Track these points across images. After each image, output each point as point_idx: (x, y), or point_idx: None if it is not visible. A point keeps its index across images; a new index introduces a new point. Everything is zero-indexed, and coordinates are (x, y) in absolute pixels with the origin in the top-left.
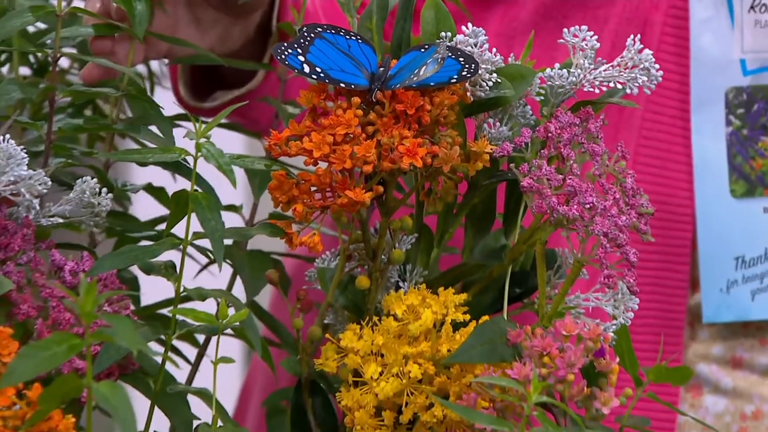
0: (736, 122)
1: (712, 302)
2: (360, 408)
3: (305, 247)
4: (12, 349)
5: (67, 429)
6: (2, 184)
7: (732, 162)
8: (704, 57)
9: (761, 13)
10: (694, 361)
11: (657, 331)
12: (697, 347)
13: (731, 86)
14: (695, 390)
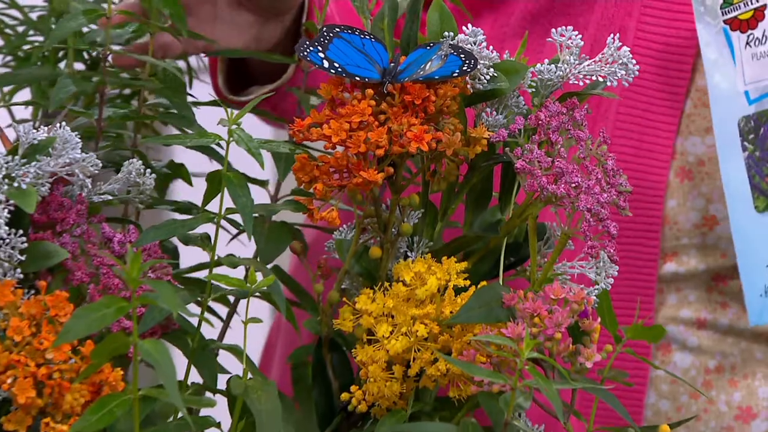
0: (749, 147)
1: (756, 307)
2: (373, 363)
3: (324, 220)
4: (68, 311)
5: (115, 380)
6: (59, 166)
7: (752, 182)
8: (719, 93)
9: (756, 46)
10: (664, 323)
11: (632, 297)
12: (666, 311)
13: (741, 116)
14: (665, 348)
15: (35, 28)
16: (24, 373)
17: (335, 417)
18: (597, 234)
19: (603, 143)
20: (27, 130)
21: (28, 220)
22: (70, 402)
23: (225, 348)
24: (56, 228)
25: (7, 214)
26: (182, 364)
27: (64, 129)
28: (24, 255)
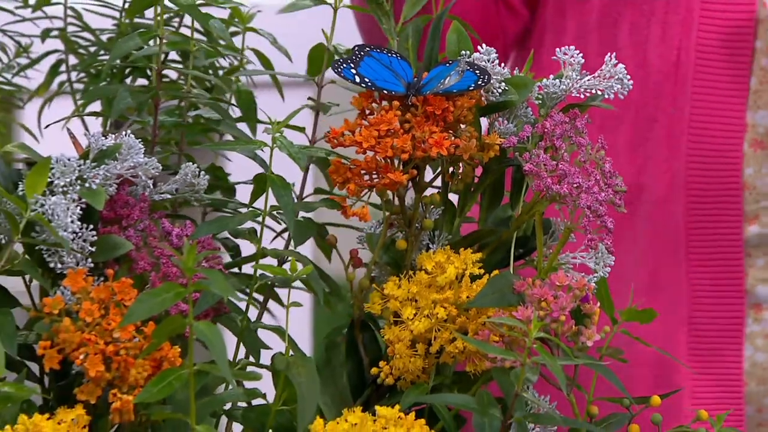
0: None
1: None
2: (399, 341)
3: (356, 217)
4: (132, 296)
5: (173, 357)
6: (124, 168)
7: None
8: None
9: None
10: (755, 284)
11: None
12: (755, 273)
13: None
14: (757, 308)
15: (105, 48)
16: (94, 350)
17: (366, 389)
18: (596, 228)
19: (601, 149)
20: (97, 137)
21: (98, 216)
22: (135, 375)
23: (269, 328)
24: (122, 223)
25: (80, 211)
26: (231, 343)
27: (128, 136)
28: (94, 247)
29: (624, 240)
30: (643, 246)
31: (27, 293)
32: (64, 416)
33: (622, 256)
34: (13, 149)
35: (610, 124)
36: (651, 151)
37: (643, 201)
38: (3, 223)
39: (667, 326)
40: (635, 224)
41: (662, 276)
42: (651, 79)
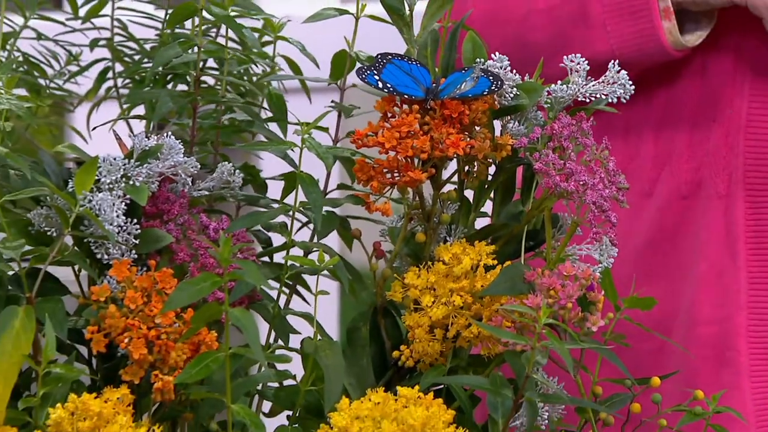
0: None
1: None
2: (418, 327)
3: (379, 211)
4: (172, 284)
5: (211, 341)
6: (165, 167)
7: None
8: None
9: None
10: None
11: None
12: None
13: None
14: None
15: (148, 57)
16: (137, 335)
17: (388, 371)
18: (600, 222)
19: (605, 149)
20: (140, 138)
21: (141, 211)
22: (175, 358)
23: (299, 314)
24: (163, 217)
25: (124, 206)
26: (264, 328)
27: (169, 138)
28: (138, 239)
29: (684, 233)
30: (703, 238)
31: (76, 282)
32: (110, 395)
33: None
34: (64, 149)
35: (669, 123)
36: (710, 149)
37: (701, 196)
38: (54, 217)
39: (727, 311)
40: (695, 218)
41: (722, 264)
42: (709, 81)
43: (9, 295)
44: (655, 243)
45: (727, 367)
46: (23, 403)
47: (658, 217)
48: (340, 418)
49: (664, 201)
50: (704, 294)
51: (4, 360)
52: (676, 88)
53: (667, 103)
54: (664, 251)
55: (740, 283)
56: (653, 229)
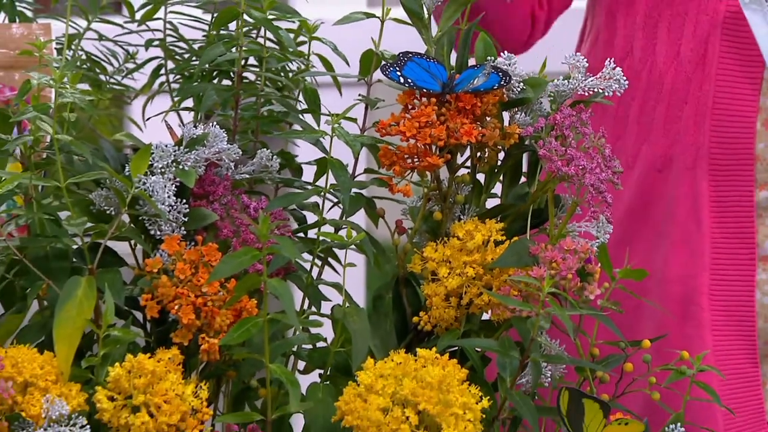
0: None
1: None
2: (436, 295)
3: (401, 192)
4: (217, 258)
5: (251, 308)
6: (211, 153)
7: None
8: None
9: None
10: (764, 240)
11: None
12: (765, 230)
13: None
14: (765, 259)
15: (196, 55)
16: (186, 302)
17: (408, 334)
18: (597, 202)
19: (602, 137)
20: (189, 128)
21: (189, 192)
22: (219, 323)
23: (329, 284)
24: (209, 198)
25: (175, 188)
26: (298, 296)
27: (214, 127)
28: (186, 217)
29: (658, 202)
30: (673, 207)
31: (132, 255)
32: (162, 356)
33: (656, 215)
34: (121, 137)
35: (649, 105)
36: (681, 127)
37: (673, 168)
38: (113, 198)
39: (692, 271)
40: (667, 189)
41: (689, 230)
42: (683, 68)
43: (73, 266)
44: (635, 210)
45: (691, 321)
46: (86, 362)
47: (637, 188)
48: (366, 376)
49: (642, 173)
50: (673, 256)
51: (69, 324)
52: (655, 72)
53: (647, 86)
54: (641, 218)
55: (704, 246)
56: (633, 198)
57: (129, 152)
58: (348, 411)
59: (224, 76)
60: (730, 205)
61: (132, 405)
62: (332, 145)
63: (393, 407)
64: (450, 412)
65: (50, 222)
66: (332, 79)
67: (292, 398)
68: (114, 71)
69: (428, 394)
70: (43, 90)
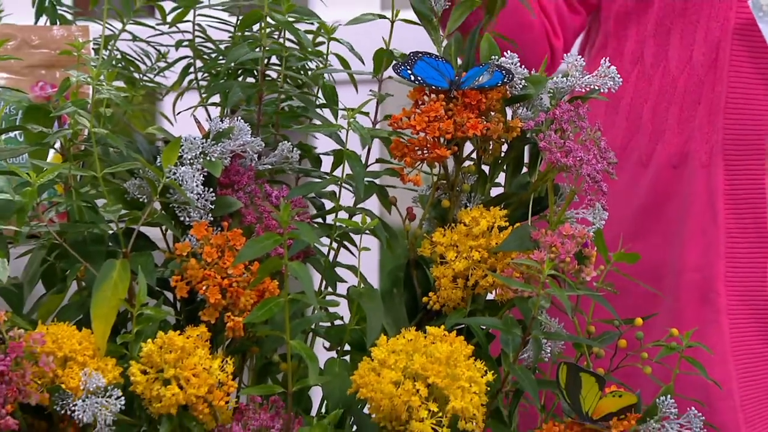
0: None
1: None
2: (444, 277)
3: (411, 182)
4: (241, 242)
5: (273, 288)
6: (236, 145)
7: None
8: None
9: None
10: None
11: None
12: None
13: None
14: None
15: (222, 55)
16: (213, 283)
17: (418, 313)
18: (594, 191)
19: (597, 130)
20: (216, 122)
21: (216, 182)
22: (244, 302)
23: (345, 266)
24: (234, 187)
25: (202, 177)
26: (317, 278)
27: (239, 121)
28: (213, 205)
29: (674, 197)
30: (689, 200)
31: (163, 240)
32: (191, 332)
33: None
34: (153, 131)
35: (662, 107)
36: (695, 126)
37: (688, 165)
38: (145, 186)
39: (709, 259)
40: (683, 184)
41: (705, 222)
42: (695, 72)
43: (108, 250)
44: (649, 207)
45: (708, 306)
46: (120, 338)
47: (652, 185)
48: (379, 352)
49: (656, 171)
50: (690, 246)
51: (105, 304)
52: (667, 76)
53: (660, 90)
54: (656, 213)
55: (719, 237)
56: (648, 195)
57: (160, 144)
58: (363, 384)
59: (248, 74)
60: (743, 197)
61: (163, 378)
62: (348, 137)
63: (404, 380)
64: (457, 385)
65: (88, 209)
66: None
67: (311, 372)
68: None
69: (437, 369)
70: (81, 87)
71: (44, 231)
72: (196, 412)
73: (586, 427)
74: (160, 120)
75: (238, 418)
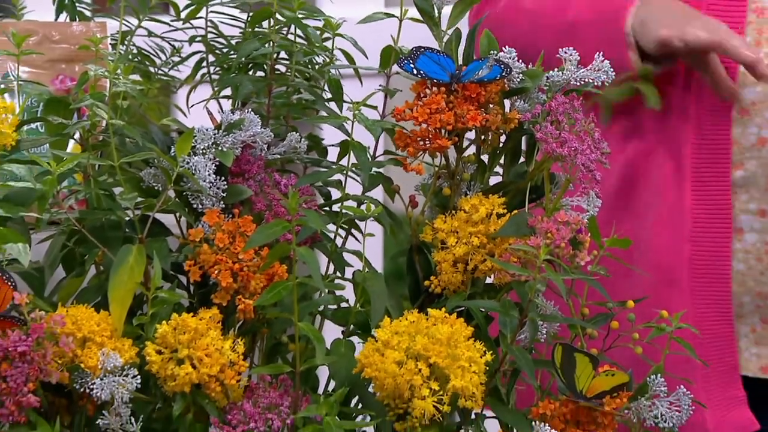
0: None
1: None
2: (445, 261)
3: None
4: (252, 228)
5: (282, 273)
6: (246, 136)
7: None
8: None
9: None
10: (739, 214)
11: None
12: (740, 205)
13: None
14: (739, 231)
15: (233, 50)
16: (225, 267)
17: (421, 296)
18: (588, 180)
19: (591, 122)
20: (227, 114)
21: (227, 171)
22: (254, 286)
23: (351, 252)
24: (245, 176)
25: (214, 167)
26: (324, 262)
27: (249, 113)
28: (225, 192)
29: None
30: (659, 187)
31: (177, 226)
32: (204, 314)
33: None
34: (168, 122)
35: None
36: (667, 124)
37: (660, 153)
38: (160, 175)
39: (676, 242)
40: (653, 171)
41: (673, 206)
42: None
43: (125, 236)
44: (622, 192)
45: (674, 287)
46: (137, 320)
47: (625, 171)
48: (383, 333)
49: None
50: (659, 230)
51: (121, 287)
52: None
53: None
54: (628, 199)
55: (685, 221)
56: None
57: (174, 135)
58: (367, 364)
59: (258, 69)
60: (709, 183)
61: (177, 358)
62: (353, 129)
63: (407, 360)
64: (457, 364)
65: (105, 197)
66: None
67: (318, 352)
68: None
69: (438, 349)
70: (99, 80)
71: (64, 217)
72: (208, 390)
73: (580, 404)
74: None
75: (248, 395)
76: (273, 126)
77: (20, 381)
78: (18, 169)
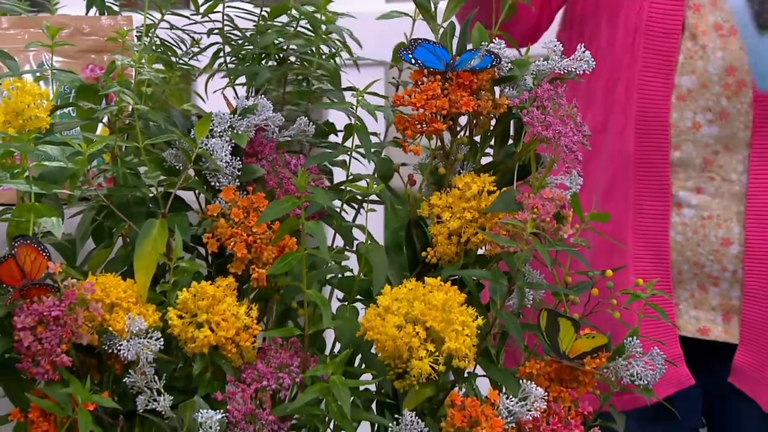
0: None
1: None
2: (440, 234)
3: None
4: (264, 204)
5: (292, 244)
6: (260, 120)
7: None
8: None
9: None
10: (678, 190)
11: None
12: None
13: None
14: (678, 206)
15: (249, 41)
16: (240, 240)
17: (418, 266)
18: (570, 160)
19: (574, 107)
20: (242, 100)
21: (242, 151)
22: (267, 256)
23: (355, 226)
24: (258, 156)
25: (230, 148)
26: (330, 235)
27: (263, 99)
28: (240, 171)
29: (596, 158)
30: (608, 162)
31: (197, 202)
32: (221, 282)
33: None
34: (188, 107)
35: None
36: (615, 99)
37: (608, 133)
38: (181, 156)
39: (619, 216)
40: (603, 148)
41: (618, 182)
42: (617, 52)
43: (149, 211)
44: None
45: (617, 254)
46: (160, 288)
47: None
48: (384, 300)
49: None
50: (606, 202)
51: (146, 257)
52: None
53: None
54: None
55: (629, 192)
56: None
57: (194, 119)
58: (369, 327)
59: (270, 59)
60: (651, 163)
61: (196, 322)
62: (356, 113)
63: (406, 324)
64: (451, 328)
65: (131, 175)
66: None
67: (324, 317)
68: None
69: (434, 314)
70: (125, 69)
71: (93, 194)
72: (225, 351)
73: (563, 364)
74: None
75: (261, 356)
76: (288, 111)
77: (54, 342)
78: (52, 150)
